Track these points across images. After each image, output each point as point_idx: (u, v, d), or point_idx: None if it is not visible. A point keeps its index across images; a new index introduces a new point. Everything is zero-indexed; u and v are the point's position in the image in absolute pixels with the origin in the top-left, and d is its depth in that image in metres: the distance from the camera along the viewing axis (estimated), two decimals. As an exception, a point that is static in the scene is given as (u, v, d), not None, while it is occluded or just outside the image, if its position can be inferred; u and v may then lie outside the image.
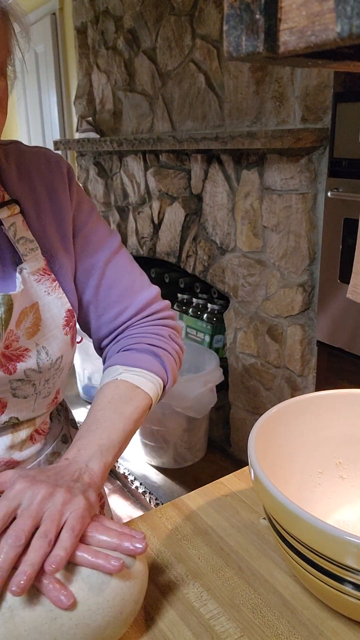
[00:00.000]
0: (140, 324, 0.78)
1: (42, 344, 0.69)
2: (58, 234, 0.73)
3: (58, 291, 0.71)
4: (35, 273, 0.69)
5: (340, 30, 0.22)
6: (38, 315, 0.69)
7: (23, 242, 0.69)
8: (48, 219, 0.72)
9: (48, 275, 0.70)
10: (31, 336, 0.68)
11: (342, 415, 0.69)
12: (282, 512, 0.50)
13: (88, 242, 0.76)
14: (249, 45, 0.26)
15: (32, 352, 0.68)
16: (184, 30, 2.07)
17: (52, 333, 0.70)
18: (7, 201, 0.69)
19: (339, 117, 1.50)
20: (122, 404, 0.69)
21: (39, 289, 0.69)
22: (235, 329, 2.11)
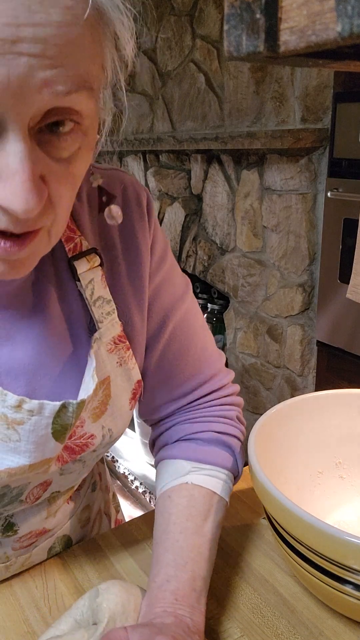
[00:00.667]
0: (204, 404, 0.64)
1: (108, 426, 0.57)
2: (133, 289, 0.57)
3: (131, 361, 0.58)
4: (109, 342, 0.55)
5: (341, 29, 0.22)
6: (108, 392, 0.56)
7: (100, 304, 0.54)
8: (123, 271, 0.57)
9: (122, 343, 0.57)
10: (97, 418, 0.56)
11: (342, 415, 0.69)
12: (282, 512, 0.50)
13: (160, 294, 0.60)
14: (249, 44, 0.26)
15: (96, 439, 0.56)
16: (184, 31, 2.07)
17: (119, 411, 0.57)
18: (85, 251, 0.53)
19: (339, 117, 1.50)
20: (203, 521, 0.57)
21: (111, 360, 0.56)
22: (235, 329, 2.11)
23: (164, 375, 0.62)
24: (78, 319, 0.54)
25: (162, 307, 0.60)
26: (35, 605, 0.58)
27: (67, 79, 0.36)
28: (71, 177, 0.42)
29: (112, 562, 0.64)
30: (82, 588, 0.60)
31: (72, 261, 0.52)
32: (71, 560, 0.64)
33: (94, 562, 0.64)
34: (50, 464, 0.53)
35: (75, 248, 0.53)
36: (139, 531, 0.69)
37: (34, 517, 0.60)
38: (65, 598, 0.59)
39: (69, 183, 0.42)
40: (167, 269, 0.60)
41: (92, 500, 0.73)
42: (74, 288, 0.54)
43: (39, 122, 0.37)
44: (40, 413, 0.49)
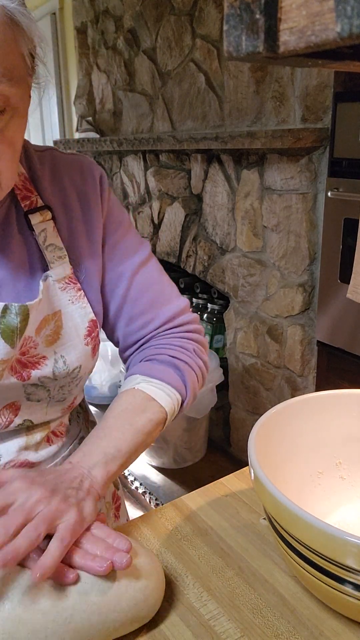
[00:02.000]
0: (165, 335, 0.76)
1: (60, 353, 0.68)
2: (87, 242, 0.72)
3: (82, 300, 0.70)
4: (60, 281, 0.68)
5: (341, 30, 0.22)
6: (59, 323, 0.68)
7: (52, 249, 0.68)
8: (78, 227, 0.71)
9: (73, 284, 0.69)
10: (50, 344, 0.67)
11: (342, 415, 0.69)
12: (282, 512, 0.50)
13: (116, 251, 0.74)
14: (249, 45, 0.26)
15: (49, 360, 0.67)
16: (184, 30, 2.07)
17: (72, 342, 0.69)
18: (40, 207, 0.68)
19: (339, 117, 1.50)
20: (135, 415, 0.67)
21: (63, 297, 0.68)
22: (235, 329, 2.11)
23: (128, 316, 0.75)
24: (34, 260, 0.68)
25: (119, 259, 0.74)
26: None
27: None
28: (6, 140, 0.57)
29: (112, 563, 0.64)
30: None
31: (27, 214, 0.67)
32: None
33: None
34: (4, 367, 0.63)
35: (31, 204, 0.68)
36: (138, 531, 0.69)
37: (11, 443, 0.69)
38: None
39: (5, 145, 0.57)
40: (123, 232, 0.75)
41: None
42: (31, 236, 0.68)
43: None
44: None
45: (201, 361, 0.77)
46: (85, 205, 0.72)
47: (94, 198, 0.73)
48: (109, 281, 0.74)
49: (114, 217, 0.75)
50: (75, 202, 0.71)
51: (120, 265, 0.74)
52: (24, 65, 0.57)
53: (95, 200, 0.73)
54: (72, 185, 0.72)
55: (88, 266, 0.71)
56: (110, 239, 0.74)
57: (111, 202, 0.75)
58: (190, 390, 0.73)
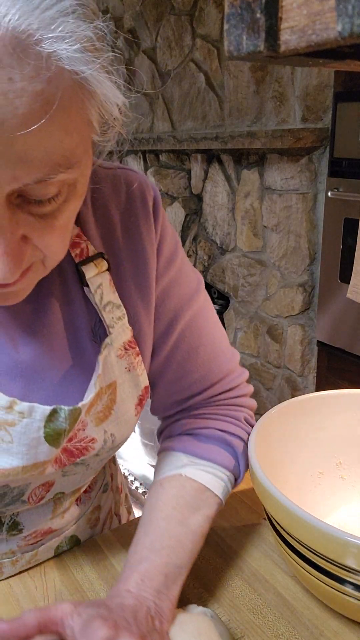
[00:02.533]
0: (213, 403, 0.63)
1: (110, 431, 0.56)
2: (140, 293, 0.56)
3: (140, 367, 0.57)
4: (120, 347, 0.54)
5: (341, 29, 0.22)
6: (113, 397, 0.55)
7: (110, 309, 0.53)
8: (129, 275, 0.55)
9: (132, 348, 0.56)
10: (101, 422, 0.55)
11: (342, 415, 0.69)
12: (282, 512, 0.50)
13: (168, 296, 0.58)
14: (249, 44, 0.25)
15: (97, 443, 0.55)
16: (184, 30, 2.07)
17: (124, 417, 0.56)
18: (93, 256, 0.52)
19: (339, 116, 1.50)
20: (190, 513, 0.56)
21: (120, 365, 0.55)
22: (235, 329, 2.11)
23: (173, 377, 0.61)
24: (83, 325, 0.53)
25: (170, 309, 0.59)
26: (35, 606, 0.58)
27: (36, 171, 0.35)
28: (57, 229, 0.41)
29: (112, 563, 0.64)
30: (81, 588, 0.60)
31: (79, 266, 0.51)
32: (71, 560, 0.64)
33: (93, 563, 0.64)
34: (46, 466, 0.53)
35: (82, 253, 0.52)
36: (139, 531, 0.69)
37: (39, 517, 0.59)
38: (65, 599, 0.59)
39: (55, 234, 0.41)
40: (175, 270, 0.59)
41: (103, 501, 0.73)
42: (80, 293, 0.53)
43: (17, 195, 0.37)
44: (30, 416, 0.49)
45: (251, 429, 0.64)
46: (136, 244, 0.55)
47: (147, 233, 0.56)
48: (156, 334, 0.59)
49: (165, 251, 0.58)
50: (125, 239, 0.55)
51: (172, 317, 0.59)
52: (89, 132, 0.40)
53: (148, 237, 0.56)
54: (120, 216, 0.55)
55: (142, 322, 0.57)
56: (164, 281, 0.58)
57: (165, 233, 0.58)
58: (243, 466, 0.62)
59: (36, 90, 0.33)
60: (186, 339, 0.60)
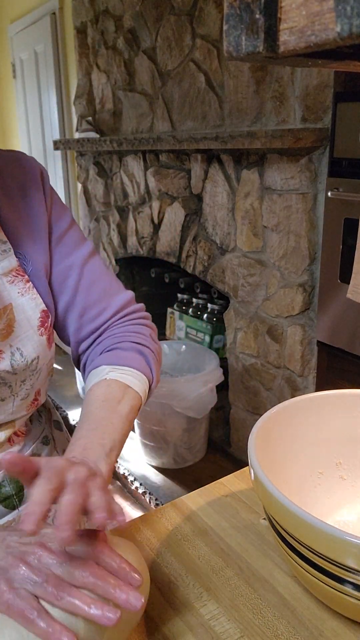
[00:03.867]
0: (121, 324, 0.78)
1: (16, 345, 0.69)
2: (31, 235, 0.73)
3: (32, 292, 0.71)
4: (7, 274, 0.69)
5: (340, 29, 0.22)
6: (12, 316, 0.69)
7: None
8: (22, 221, 0.72)
9: (21, 276, 0.70)
10: (4, 338, 0.68)
11: (342, 415, 0.69)
12: (282, 512, 0.50)
13: (64, 244, 0.76)
14: (249, 44, 0.25)
15: (5, 354, 0.68)
16: (184, 30, 2.07)
17: (26, 334, 0.70)
18: None
19: (339, 116, 1.50)
20: (117, 404, 0.68)
21: (12, 290, 0.69)
22: (235, 329, 2.11)
23: (81, 308, 0.76)
24: None
25: (68, 252, 0.76)
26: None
27: None
28: None
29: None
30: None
31: None
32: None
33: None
34: None
35: None
36: (138, 532, 0.69)
37: None
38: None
39: None
40: (69, 224, 0.77)
41: (42, 452, 0.79)
42: None
43: None
44: None
45: (157, 345, 0.79)
46: (28, 201, 0.73)
47: (37, 193, 0.74)
48: (58, 273, 0.75)
49: (58, 211, 0.76)
50: (17, 197, 0.72)
51: (69, 257, 0.76)
52: None
53: (37, 195, 0.74)
54: (13, 181, 0.73)
55: (35, 259, 0.72)
56: (56, 232, 0.75)
57: (54, 197, 0.77)
58: (155, 373, 0.75)
59: None
60: (87, 273, 0.76)
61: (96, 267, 0.78)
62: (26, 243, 0.72)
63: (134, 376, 0.72)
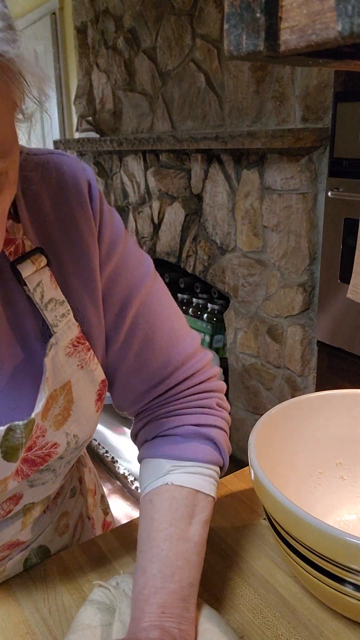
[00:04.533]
0: (181, 395, 0.60)
1: (72, 432, 0.54)
2: (83, 285, 0.53)
3: (93, 362, 0.55)
4: (68, 346, 0.52)
5: (341, 29, 0.22)
6: (70, 397, 0.53)
7: (52, 307, 0.50)
8: (69, 268, 0.52)
9: (82, 344, 0.53)
10: (60, 425, 0.53)
11: (342, 415, 0.69)
12: (282, 512, 0.50)
13: (115, 284, 0.55)
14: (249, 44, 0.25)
15: (60, 447, 0.53)
16: (184, 30, 2.07)
17: (84, 416, 0.54)
18: (29, 252, 0.49)
19: (339, 116, 1.50)
20: (187, 525, 0.54)
21: (71, 363, 0.53)
22: (235, 329, 2.11)
23: (131, 368, 0.58)
24: (29, 326, 0.51)
25: (119, 297, 0.56)
26: (35, 606, 0.58)
27: None
28: None
29: (112, 563, 0.64)
30: (81, 588, 0.60)
31: (15, 265, 0.48)
32: (71, 560, 0.64)
33: (93, 563, 0.64)
34: (7, 482, 0.51)
35: (17, 250, 0.49)
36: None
37: (7, 530, 0.57)
38: (64, 598, 0.59)
39: None
40: (119, 255, 0.56)
41: (71, 507, 0.70)
42: (21, 294, 0.50)
43: None
44: None
45: (225, 412, 0.62)
46: (73, 234, 0.52)
47: (84, 220, 0.53)
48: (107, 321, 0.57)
49: (109, 235, 0.55)
50: (57, 227, 0.52)
51: (120, 302, 0.56)
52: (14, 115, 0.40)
53: (85, 223, 0.53)
54: (52, 204, 0.52)
55: (90, 315, 0.54)
56: (106, 269, 0.55)
57: (104, 219, 0.55)
58: (225, 452, 0.60)
59: None
60: (140, 327, 0.57)
61: (155, 310, 0.57)
62: (80, 297, 0.53)
63: (201, 473, 0.57)
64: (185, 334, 0.60)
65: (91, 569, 0.63)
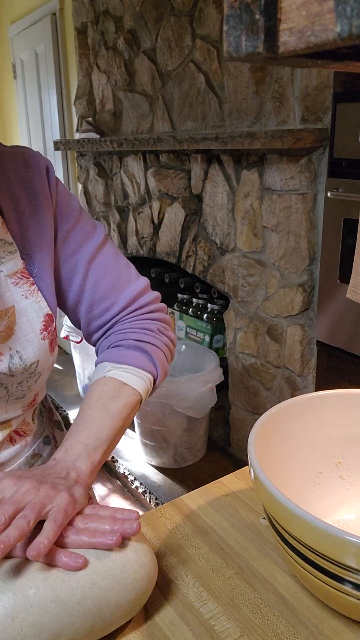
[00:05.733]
0: (128, 319, 0.77)
1: (15, 348, 0.68)
2: (38, 235, 0.71)
3: (36, 295, 0.70)
4: (12, 276, 0.68)
5: (340, 30, 0.22)
6: (13, 319, 0.68)
7: (1, 244, 0.68)
8: (28, 221, 0.71)
9: (26, 278, 0.69)
10: (4, 340, 0.67)
11: (342, 415, 0.69)
12: (282, 512, 0.50)
13: (69, 241, 0.74)
14: (248, 45, 0.26)
15: (4, 357, 0.67)
16: (184, 31, 2.07)
17: (27, 337, 0.69)
18: None
19: (339, 117, 1.50)
20: (109, 401, 0.69)
21: (16, 292, 0.68)
22: (235, 329, 2.11)
23: (88, 305, 0.76)
24: None
25: (73, 249, 0.74)
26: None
27: None
28: None
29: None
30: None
31: None
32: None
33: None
34: None
35: None
36: (139, 531, 0.69)
37: None
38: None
39: None
40: (73, 221, 0.74)
41: (44, 452, 0.80)
42: None
43: None
44: None
45: (167, 338, 0.79)
46: (34, 199, 0.71)
47: (42, 190, 0.72)
48: (66, 271, 0.74)
49: (64, 207, 0.74)
50: (23, 195, 0.70)
51: (75, 255, 0.74)
52: None
53: (43, 192, 0.72)
54: (18, 178, 0.70)
55: (41, 259, 0.71)
56: (63, 230, 0.74)
57: (60, 192, 0.74)
58: (160, 368, 0.75)
59: None
60: (92, 270, 0.75)
61: (102, 262, 0.76)
62: (33, 244, 0.71)
63: (133, 373, 0.72)
64: (133, 277, 0.79)
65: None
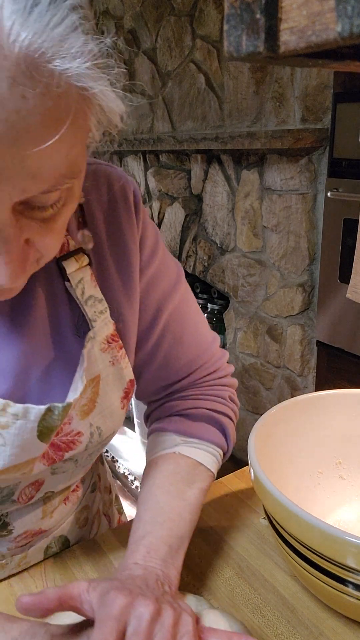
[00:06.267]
0: (198, 385, 0.67)
1: (96, 424, 0.57)
2: (123, 287, 0.58)
3: (124, 360, 0.58)
4: (103, 341, 0.55)
5: (341, 29, 0.22)
6: (97, 390, 0.56)
7: (92, 304, 0.54)
8: (112, 270, 0.57)
9: (115, 342, 0.57)
10: (86, 415, 0.56)
11: (342, 415, 0.69)
12: (282, 512, 0.50)
13: (152, 289, 0.60)
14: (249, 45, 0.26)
15: (84, 437, 0.56)
16: (184, 31, 2.07)
17: (109, 410, 0.58)
18: (73, 251, 0.53)
19: (339, 117, 1.50)
20: (186, 487, 0.60)
21: (104, 359, 0.56)
22: (235, 328, 2.11)
23: (159, 366, 0.64)
24: (65, 320, 0.54)
25: (154, 301, 0.61)
26: (36, 605, 0.58)
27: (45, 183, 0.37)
28: (56, 231, 0.42)
29: (112, 562, 0.64)
30: (82, 588, 0.60)
31: (60, 261, 0.52)
32: (71, 560, 0.65)
33: (93, 562, 0.64)
34: (35, 462, 0.53)
35: (63, 248, 0.52)
36: (139, 531, 0.69)
37: (29, 517, 0.60)
38: (65, 598, 0.59)
39: (54, 236, 0.42)
40: (158, 262, 0.61)
41: (91, 501, 0.74)
42: (62, 288, 0.54)
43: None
44: (25, 417, 0.49)
45: (236, 407, 0.70)
46: (118, 238, 0.57)
47: (129, 227, 0.57)
48: (141, 328, 0.62)
49: (149, 244, 0.60)
50: (104, 234, 0.56)
51: (156, 307, 0.61)
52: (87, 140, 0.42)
53: (130, 230, 0.57)
54: (101, 210, 0.56)
55: (126, 315, 0.58)
56: (145, 274, 0.60)
57: (146, 227, 0.59)
58: (231, 442, 0.67)
59: (47, 107, 0.34)
60: (171, 329, 0.63)
61: (183, 321, 0.64)
62: (118, 298, 0.57)
63: (204, 449, 0.63)
64: (208, 336, 0.67)
65: (91, 567, 0.63)
